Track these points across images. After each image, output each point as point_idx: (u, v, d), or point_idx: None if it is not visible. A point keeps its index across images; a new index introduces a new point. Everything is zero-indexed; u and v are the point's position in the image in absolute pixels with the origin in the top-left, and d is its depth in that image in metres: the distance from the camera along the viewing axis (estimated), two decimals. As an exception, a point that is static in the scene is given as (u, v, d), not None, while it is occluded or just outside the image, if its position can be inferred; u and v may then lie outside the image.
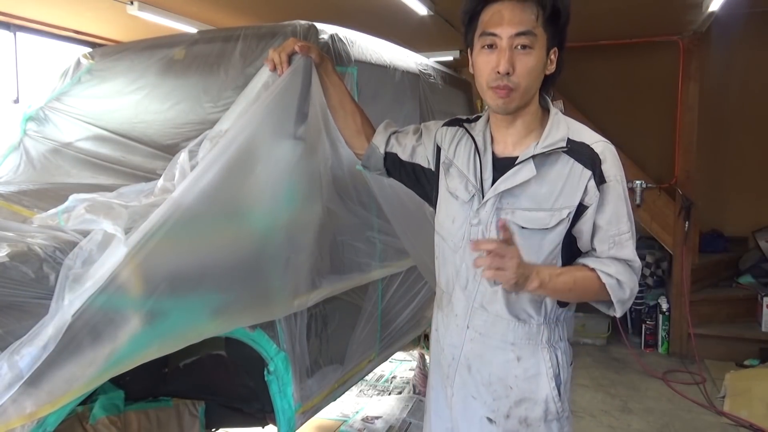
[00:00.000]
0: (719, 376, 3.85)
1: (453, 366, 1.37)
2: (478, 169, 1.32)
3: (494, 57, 1.21)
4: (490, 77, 1.22)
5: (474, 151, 1.35)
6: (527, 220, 1.25)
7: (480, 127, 1.38)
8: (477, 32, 1.26)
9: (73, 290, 1.12)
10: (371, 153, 1.58)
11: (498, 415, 1.32)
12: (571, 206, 1.24)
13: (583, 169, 1.24)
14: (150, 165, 1.88)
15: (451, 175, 1.40)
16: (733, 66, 4.69)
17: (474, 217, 1.30)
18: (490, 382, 1.32)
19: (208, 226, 1.44)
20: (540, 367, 1.30)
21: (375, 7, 3.82)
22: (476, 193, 1.31)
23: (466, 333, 1.34)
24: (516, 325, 1.30)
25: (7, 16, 3.98)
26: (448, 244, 1.38)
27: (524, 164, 1.25)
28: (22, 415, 1.07)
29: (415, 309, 2.53)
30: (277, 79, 1.59)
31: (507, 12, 1.20)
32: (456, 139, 1.43)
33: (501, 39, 1.20)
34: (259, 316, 1.65)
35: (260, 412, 2.00)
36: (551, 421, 1.32)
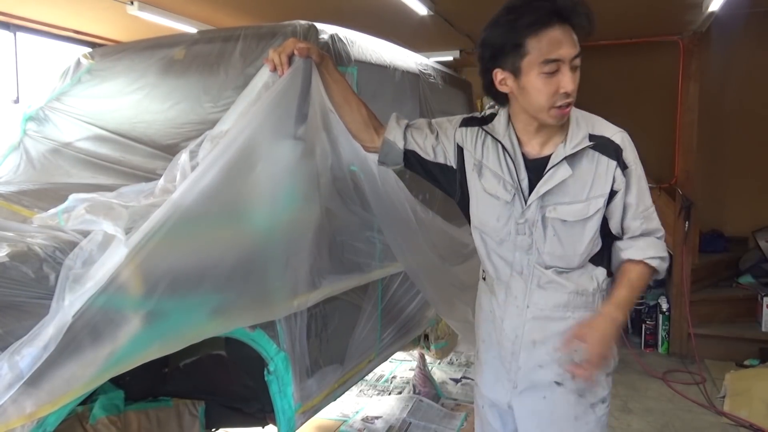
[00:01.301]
0: (719, 376, 3.85)
1: (517, 343, 1.48)
2: (513, 170, 1.43)
3: (557, 80, 1.30)
4: (556, 98, 1.31)
5: (503, 153, 1.45)
6: (568, 214, 1.39)
7: (502, 129, 1.47)
8: (531, 59, 1.30)
9: (73, 291, 1.12)
10: (389, 149, 1.61)
11: (565, 377, 1.45)
12: (604, 194, 1.38)
13: (609, 161, 1.39)
14: (150, 165, 1.88)
15: (485, 176, 1.49)
16: (733, 66, 4.69)
17: (521, 217, 1.43)
18: (555, 350, 1.44)
19: (209, 227, 1.44)
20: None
21: (375, 7, 3.82)
22: (516, 192, 1.43)
23: (527, 312, 1.46)
24: (573, 297, 1.44)
25: (7, 16, 3.97)
26: (492, 238, 1.50)
27: (559, 166, 1.38)
28: (22, 415, 1.07)
29: (415, 309, 2.53)
30: (277, 79, 1.59)
31: (562, 36, 1.28)
32: (480, 140, 1.51)
33: (564, 62, 1.29)
34: (259, 316, 1.65)
35: (260, 412, 2.00)
36: (609, 375, 1.50)
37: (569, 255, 1.41)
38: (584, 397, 1.47)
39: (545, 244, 1.41)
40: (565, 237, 1.40)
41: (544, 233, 1.41)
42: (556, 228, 1.40)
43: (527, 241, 1.43)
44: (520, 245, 1.45)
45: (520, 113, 1.42)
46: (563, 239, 1.40)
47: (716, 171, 4.75)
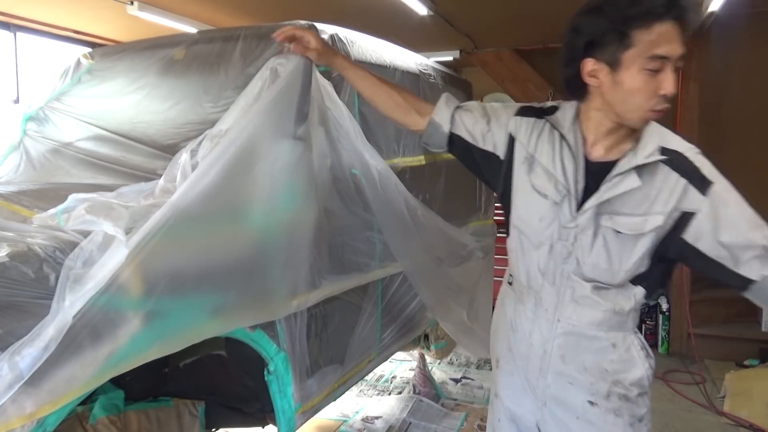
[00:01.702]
0: (719, 376, 3.85)
1: (546, 358, 1.39)
2: (570, 169, 1.32)
3: (659, 80, 1.19)
4: (654, 101, 1.21)
5: (562, 150, 1.34)
6: (624, 226, 1.27)
7: (568, 123, 1.35)
8: (636, 52, 1.18)
9: (74, 291, 1.12)
10: (434, 131, 1.53)
11: (598, 397, 1.36)
12: (665, 212, 1.25)
13: (679, 178, 1.26)
14: (150, 165, 1.88)
15: (535, 172, 1.38)
16: (733, 66, 4.69)
17: (570, 221, 1.31)
18: (585, 368, 1.36)
19: (209, 227, 1.44)
20: (632, 351, 1.36)
21: (375, 7, 3.82)
22: (567, 194, 1.31)
23: (558, 326, 1.36)
24: (609, 316, 1.33)
25: (7, 16, 3.98)
26: (531, 240, 1.39)
27: (627, 174, 1.26)
28: (22, 415, 1.07)
29: (415, 309, 2.53)
30: (277, 78, 1.60)
31: (673, 33, 1.17)
32: (536, 132, 1.40)
33: (670, 61, 1.18)
34: (259, 316, 1.65)
35: (260, 412, 2.00)
36: (645, 394, 1.39)
37: (614, 269, 1.30)
38: (621, 417, 1.37)
39: (590, 255, 1.30)
40: (615, 250, 1.28)
41: (592, 243, 1.29)
42: (607, 238, 1.29)
43: (567, 249, 1.32)
44: (558, 252, 1.34)
45: (597, 111, 1.29)
46: (612, 252, 1.29)
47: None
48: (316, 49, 1.63)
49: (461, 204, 3.04)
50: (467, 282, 2.76)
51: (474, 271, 2.88)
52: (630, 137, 1.30)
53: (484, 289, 3.05)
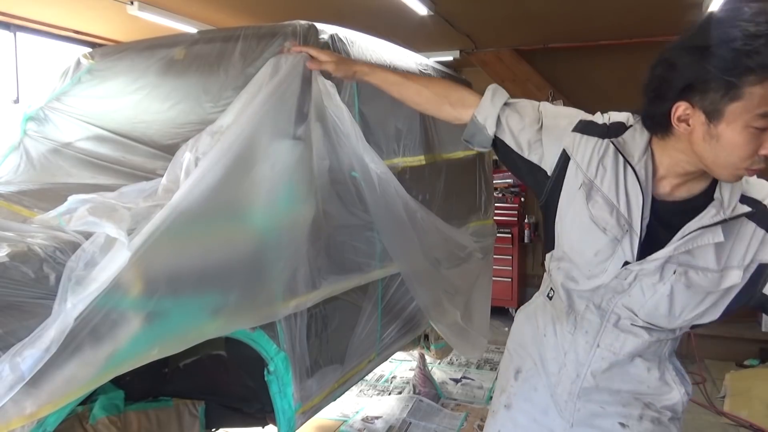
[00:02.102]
0: (719, 376, 3.85)
1: (578, 382, 1.32)
2: (636, 205, 1.18)
3: (763, 137, 1.03)
4: (752, 160, 1.06)
5: (626, 179, 1.19)
6: (698, 283, 1.17)
7: (638, 151, 1.20)
8: (744, 106, 1.02)
9: (75, 293, 1.12)
10: (475, 130, 1.39)
11: (630, 419, 1.31)
12: (742, 266, 1.16)
13: (757, 228, 1.16)
14: (150, 165, 1.88)
15: (594, 200, 1.22)
16: (733, 66, 4.68)
17: (635, 264, 1.19)
18: (618, 391, 1.31)
19: (209, 228, 1.44)
20: (666, 377, 1.31)
21: (375, 7, 3.82)
22: (629, 230, 1.18)
23: (596, 351, 1.29)
24: (650, 344, 1.27)
25: (7, 16, 3.98)
26: (581, 271, 1.27)
27: (712, 230, 1.14)
28: (22, 416, 1.07)
29: (415, 309, 2.53)
30: (276, 76, 1.60)
31: None
32: (597, 155, 1.23)
33: None
34: (259, 317, 1.65)
35: (260, 412, 2.00)
36: (677, 419, 1.34)
37: (673, 317, 1.20)
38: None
39: (650, 300, 1.19)
40: (679, 301, 1.18)
41: (655, 289, 1.19)
42: (674, 289, 1.17)
43: (622, 287, 1.21)
44: (612, 288, 1.23)
45: (680, 152, 1.14)
46: (675, 303, 1.18)
47: (716, 171, 4.75)
48: (332, 61, 1.62)
49: (461, 204, 3.04)
50: (464, 283, 2.76)
51: (472, 273, 2.88)
52: (705, 178, 1.17)
53: (480, 290, 3.05)
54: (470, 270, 2.86)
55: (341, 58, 1.65)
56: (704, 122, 1.06)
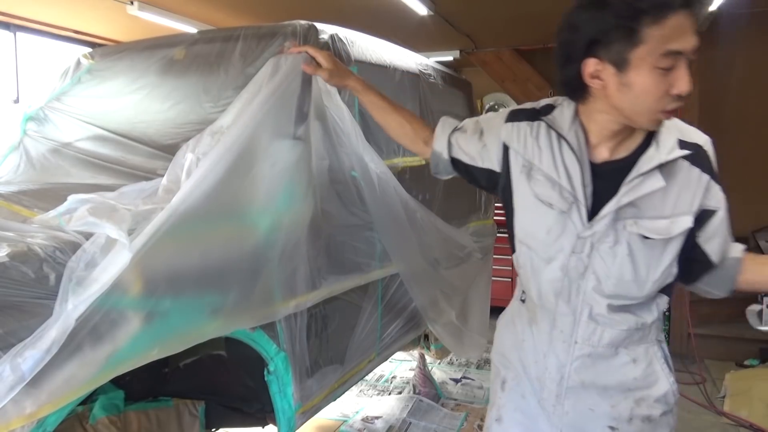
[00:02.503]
0: (719, 376, 3.85)
1: (563, 385, 1.28)
2: (575, 174, 1.19)
3: (672, 78, 1.06)
4: (666, 100, 1.08)
5: (562, 152, 1.22)
6: (652, 230, 1.16)
7: (567, 123, 1.23)
8: (646, 49, 1.05)
9: (76, 294, 1.12)
10: (437, 161, 1.48)
11: (620, 421, 1.27)
12: (691, 212, 1.16)
13: (701, 174, 1.16)
14: (150, 165, 1.88)
15: (536, 180, 1.25)
16: (733, 66, 4.68)
17: (585, 230, 1.19)
18: (605, 390, 1.27)
19: (209, 228, 1.44)
20: (655, 365, 1.29)
21: (375, 7, 3.82)
22: (575, 201, 1.19)
23: (575, 348, 1.26)
24: (630, 333, 1.25)
25: (7, 16, 3.98)
26: (540, 255, 1.27)
27: (650, 174, 1.15)
28: (22, 416, 1.07)
29: (415, 309, 2.53)
30: (276, 76, 1.61)
31: (687, 24, 1.04)
32: (532, 136, 1.27)
33: (683, 56, 1.06)
34: (258, 317, 1.65)
35: (260, 412, 2.00)
36: (669, 412, 1.31)
37: (641, 280, 1.18)
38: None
39: (613, 266, 1.18)
40: (641, 258, 1.17)
41: (614, 252, 1.17)
42: (632, 246, 1.16)
43: (582, 263, 1.20)
44: (573, 267, 1.22)
45: (601, 113, 1.17)
46: (638, 261, 1.17)
47: (716, 171, 4.75)
48: (327, 69, 1.63)
49: (461, 204, 3.04)
50: (463, 284, 2.76)
51: (470, 273, 2.88)
52: (637, 133, 1.19)
53: (479, 290, 3.05)
54: (469, 270, 2.86)
55: (337, 68, 1.64)
56: (614, 73, 1.10)
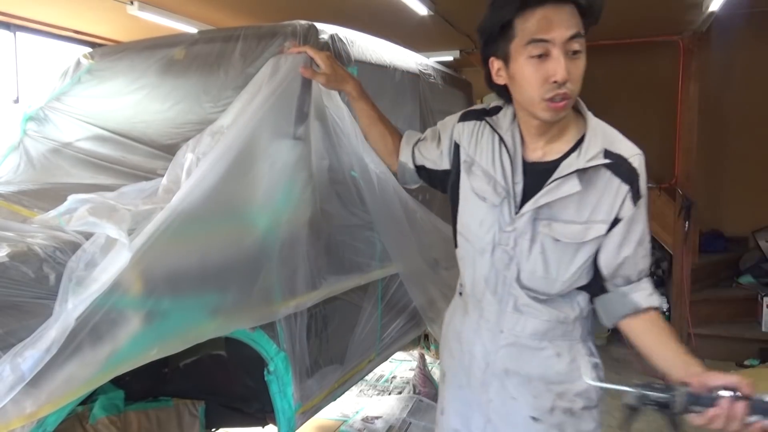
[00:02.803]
0: (719, 376, 3.84)
1: (488, 372, 1.33)
2: (508, 171, 1.26)
3: (547, 66, 1.12)
4: (545, 88, 1.13)
5: (501, 151, 1.28)
6: (563, 234, 1.20)
7: (506, 123, 1.30)
8: (518, 41, 1.14)
9: (76, 293, 1.12)
10: (403, 171, 1.56)
11: (542, 412, 1.30)
12: (608, 221, 1.19)
13: (621, 184, 1.18)
14: (150, 165, 1.88)
15: (474, 174, 1.33)
16: (733, 66, 4.69)
17: (508, 225, 1.25)
18: (529, 381, 1.30)
19: (209, 228, 1.44)
20: (579, 361, 1.30)
21: (375, 7, 3.82)
22: (507, 196, 1.25)
23: (501, 337, 1.30)
24: (552, 325, 1.28)
25: (7, 16, 3.98)
26: (474, 247, 1.32)
27: (567, 178, 1.19)
28: (22, 416, 1.07)
29: (415, 309, 2.53)
30: (276, 76, 1.60)
31: (554, 16, 1.11)
32: (476, 134, 1.35)
33: (554, 45, 1.11)
34: (258, 316, 1.65)
35: (260, 412, 2.00)
36: (593, 408, 1.33)
37: (551, 278, 1.23)
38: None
39: (528, 261, 1.23)
40: (552, 258, 1.21)
41: (530, 249, 1.22)
42: (545, 246, 1.21)
43: (507, 255, 1.25)
44: (499, 258, 1.27)
45: (519, 109, 1.25)
46: (549, 260, 1.22)
47: (716, 171, 4.75)
48: (324, 74, 1.64)
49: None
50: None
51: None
52: (567, 137, 1.24)
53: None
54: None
55: (335, 72, 1.64)
56: (504, 68, 1.20)
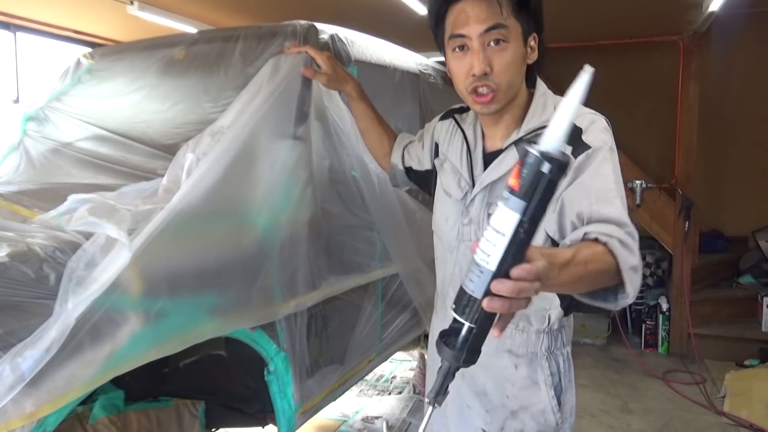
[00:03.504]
0: (719, 376, 3.85)
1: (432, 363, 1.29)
2: (470, 165, 1.26)
3: (467, 59, 1.13)
4: (468, 81, 1.14)
5: (463, 145, 1.29)
6: None
7: (470, 119, 1.32)
8: (446, 35, 1.18)
9: (76, 293, 1.12)
10: (394, 172, 1.58)
11: (492, 427, 1.24)
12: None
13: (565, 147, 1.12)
14: (150, 165, 1.88)
15: (445, 171, 1.34)
16: (733, 66, 4.69)
17: (465, 216, 1.24)
18: (485, 392, 1.24)
19: (209, 228, 1.44)
20: (538, 376, 1.22)
21: (375, 7, 3.82)
22: (469, 190, 1.25)
23: None
24: (513, 333, 1.21)
25: (7, 16, 3.98)
26: (444, 245, 1.31)
27: (507, 152, 1.18)
28: (22, 415, 1.07)
29: (415, 309, 2.53)
30: (276, 76, 1.60)
31: (471, 9, 1.11)
32: (450, 132, 1.36)
33: (471, 39, 1.12)
34: (258, 316, 1.65)
35: (260, 412, 2.00)
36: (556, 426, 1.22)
37: None
38: None
39: None
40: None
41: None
42: None
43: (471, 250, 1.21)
44: (462, 255, 1.23)
45: None
46: None
47: (716, 171, 4.75)
48: (325, 74, 1.64)
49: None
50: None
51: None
52: (517, 122, 1.21)
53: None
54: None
55: (335, 72, 1.65)
56: (444, 60, 1.22)
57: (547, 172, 0.67)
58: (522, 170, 0.67)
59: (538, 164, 0.67)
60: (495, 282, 0.70)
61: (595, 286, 0.91)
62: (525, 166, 0.68)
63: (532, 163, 0.67)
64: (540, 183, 0.67)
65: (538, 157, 0.67)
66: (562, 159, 0.68)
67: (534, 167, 0.67)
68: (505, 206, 0.69)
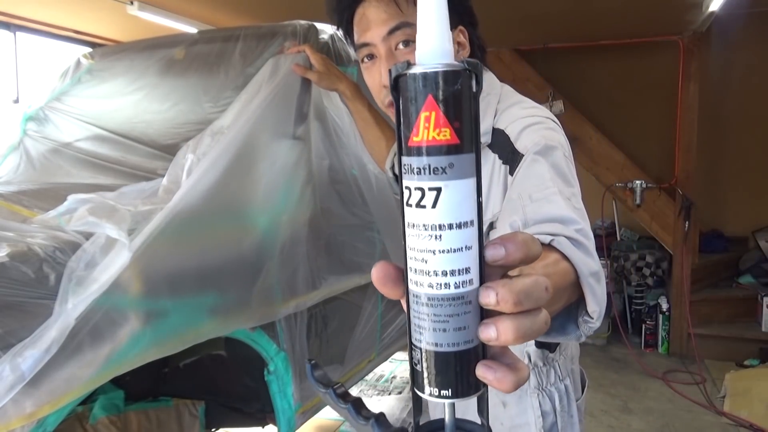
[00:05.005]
0: (719, 376, 3.85)
1: (434, 407, 1.15)
2: None
3: (377, 69, 1.00)
4: (382, 95, 1.02)
5: None
6: None
7: None
8: (356, 47, 1.05)
9: (76, 293, 1.13)
10: (388, 178, 1.54)
11: None
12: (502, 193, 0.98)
13: (501, 164, 0.96)
14: (150, 165, 1.88)
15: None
16: (733, 66, 4.69)
17: None
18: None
19: (209, 228, 1.44)
20: (528, 416, 1.09)
21: (375, 7, 3.81)
22: None
23: None
24: None
25: (7, 16, 3.98)
26: None
27: None
28: (22, 415, 1.07)
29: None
30: (276, 76, 1.60)
31: (371, 12, 0.98)
32: None
33: (375, 45, 0.99)
34: (258, 317, 1.65)
35: (260, 412, 2.00)
36: None
37: None
38: None
39: None
40: None
41: None
42: None
43: None
44: None
45: None
46: None
47: (716, 171, 4.75)
48: (316, 72, 1.61)
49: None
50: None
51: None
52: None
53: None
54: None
55: (328, 71, 1.62)
56: None
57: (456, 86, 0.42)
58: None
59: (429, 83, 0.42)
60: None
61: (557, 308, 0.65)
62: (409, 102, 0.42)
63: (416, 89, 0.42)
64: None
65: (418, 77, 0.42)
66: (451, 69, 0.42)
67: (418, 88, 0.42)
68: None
